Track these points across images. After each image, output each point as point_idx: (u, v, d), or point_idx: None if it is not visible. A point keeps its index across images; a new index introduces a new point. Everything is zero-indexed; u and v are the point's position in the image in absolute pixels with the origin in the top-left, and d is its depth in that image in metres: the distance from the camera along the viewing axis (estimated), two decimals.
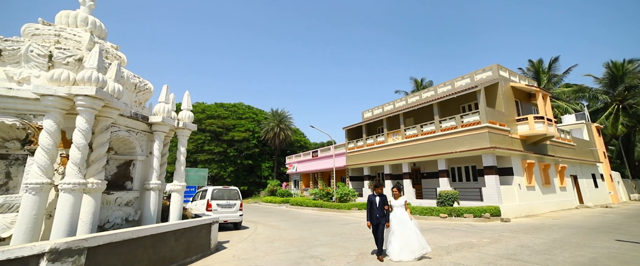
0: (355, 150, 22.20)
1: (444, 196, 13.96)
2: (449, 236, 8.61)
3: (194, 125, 7.28)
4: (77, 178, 4.40)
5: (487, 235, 8.78)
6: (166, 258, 5.26)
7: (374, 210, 5.85)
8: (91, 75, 4.61)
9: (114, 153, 6.00)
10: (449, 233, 9.31)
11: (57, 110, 4.57)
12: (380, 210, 5.79)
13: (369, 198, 5.99)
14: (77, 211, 4.41)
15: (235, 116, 41.54)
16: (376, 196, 5.93)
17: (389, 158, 19.03)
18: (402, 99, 21.88)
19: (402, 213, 5.88)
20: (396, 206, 6.00)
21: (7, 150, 4.96)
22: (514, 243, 7.36)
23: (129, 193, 5.86)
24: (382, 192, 6.02)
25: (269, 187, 30.74)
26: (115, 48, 6.88)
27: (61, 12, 6.36)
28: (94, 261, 3.91)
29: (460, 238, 8.25)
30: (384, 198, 5.89)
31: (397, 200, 6.07)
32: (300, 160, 29.93)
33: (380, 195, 5.94)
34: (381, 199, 5.87)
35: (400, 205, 6.01)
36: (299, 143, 45.63)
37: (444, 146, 15.79)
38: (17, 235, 4.14)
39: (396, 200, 6.08)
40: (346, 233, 9.54)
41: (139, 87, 6.54)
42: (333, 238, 8.58)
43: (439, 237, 8.53)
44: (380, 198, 5.89)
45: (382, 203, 5.85)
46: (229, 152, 37.83)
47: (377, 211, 5.79)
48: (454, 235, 8.93)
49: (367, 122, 22.10)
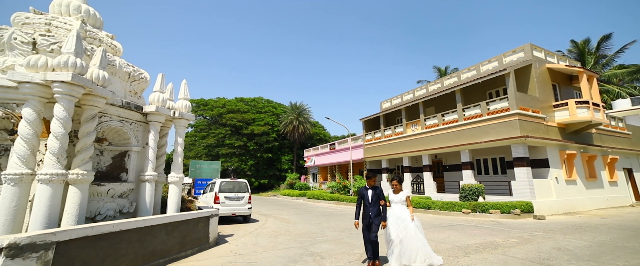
0: (373, 141, 21.30)
1: (468, 190, 12.84)
2: (470, 235, 7.72)
3: (190, 114, 6.99)
4: (55, 169, 4.21)
5: (515, 234, 7.77)
6: (156, 252, 5.03)
7: (366, 207, 4.84)
8: (67, 60, 4.36)
9: (108, 144, 5.84)
10: (470, 230, 8.39)
11: (35, 97, 4.39)
12: (373, 206, 4.75)
13: (359, 191, 4.96)
14: (57, 203, 4.23)
15: (255, 110, 41.96)
16: (368, 189, 4.87)
17: (408, 149, 17.99)
18: (423, 87, 20.53)
19: (402, 211, 4.80)
20: (395, 202, 4.91)
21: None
22: (549, 245, 6.35)
23: (123, 184, 5.69)
24: (376, 183, 4.97)
25: (288, 180, 30.78)
26: (111, 37, 6.71)
27: (55, 0, 6.26)
28: (66, 256, 3.69)
29: (483, 237, 7.34)
30: (379, 192, 4.84)
31: (396, 195, 4.97)
32: (318, 153, 29.53)
33: (373, 187, 4.87)
34: (375, 193, 4.81)
35: (401, 200, 4.90)
36: (318, 137, 45.27)
37: (467, 136, 14.51)
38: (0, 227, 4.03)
39: (396, 195, 4.97)
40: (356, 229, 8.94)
41: (133, 76, 6.33)
42: (341, 234, 8.03)
43: (458, 235, 7.68)
44: (373, 191, 4.82)
45: (375, 197, 4.79)
46: (249, 145, 38.37)
47: (369, 208, 4.77)
48: (476, 232, 8.02)
49: (385, 113, 21.06)
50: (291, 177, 30.84)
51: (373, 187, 4.88)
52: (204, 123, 40.88)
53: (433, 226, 9.38)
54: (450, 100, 16.58)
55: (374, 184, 4.92)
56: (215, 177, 14.33)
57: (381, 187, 4.96)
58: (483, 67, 16.73)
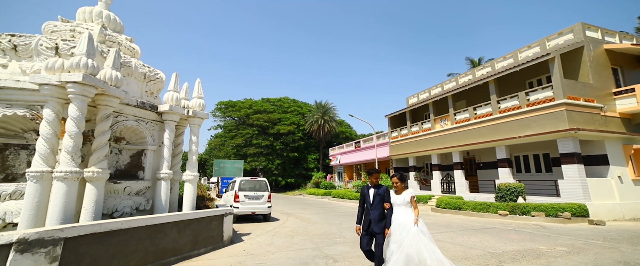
0: (399, 139, 20.36)
1: (505, 189, 11.63)
2: (507, 239, 6.86)
3: (204, 113, 7.02)
4: (70, 167, 4.34)
5: (564, 241, 6.76)
6: (168, 250, 5.03)
7: (367, 209, 4.02)
8: (79, 61, 4.49)
9: (126, 143, 6.02)
10: (507, 235, 7.49)
11: (54, 99, 4.58)
12: (375, 209, 3.89)
13: (361, 190, 4.20)
14: (72, 199, 4.36)
15: (280, 110, 42.52)
16: (370, 188, 4.07)
17: (436, 146, 16.89)
18: (452, 80, 19.16)
19: (405, 216, 3.87)
20: (397, 204, 3.96)
21: (27, 140, 5.24)
22: (610, 257, 5.35)
23: (139, 182, 5.82)
24: (378, 181, 4.12)
25: (314, 179, 30.71)
26: (129, 40, 6.95)
27: (80, 9, 6.60)
28: (75, 252, 3.75)
29: (522, 243, 6.47)
30: (383, 192, 4.00)
31: (398, 196, 3.99)
32: (343, 151, 29.07)
33: (376, 186, 4.05)
34: (377, 193, 3.96)
35: (404, 202, 3.93)
36: (345, 135, 44.72)
37: (503, 130, 13.18)
38: (22, 221, 4.24)
39: (398, 196, 4.00)
40: None
41: (148, 76, 6.48)
42: None
43: (492, 240, 6.87)
44: (376, 191, 3.99)
45: (378, 198, 3.93)
46: (275, 145, 38.94)
47: (372, 211, 3.90)
48: (514, 237, 7.12)
49: (411, 108, 20.01)
50: (317, 176, 30.72)
51: (376, 185, 4.09)
52: (232, 124, 42.30)
53: (463, 228, 8.56)
54: (483, 92, 15.24)
55: (376, 182, 4.12)
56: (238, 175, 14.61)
57: (386, 187, 4.10)
58: (522, 54, 15.12)
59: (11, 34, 5.43)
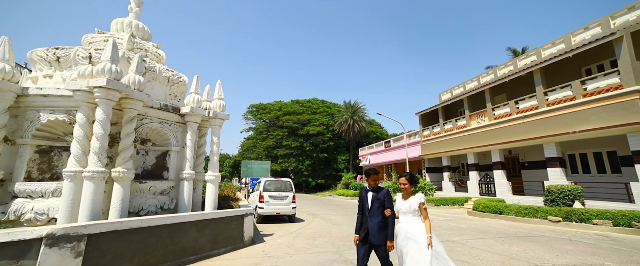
0: (431, 137, 19.20)
1: (556, 192, 10.28)
2: (559, 251, 5.95)
3: (225, 114, 7.12)
4: (96, 167, 4.60)
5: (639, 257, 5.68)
6: (187, 249, 5.13)
7: (365, 216, 3.40)
8: (104, 67, 4.75)
9: (152, 144, 6.31)
10: (559, 245, 6.52)
11: (85, 103, 4.90)
12: (373, 216, 3.26)
13: (359, 194, 3.58)
14: (99, 198, 4.61)
15: (309, 111, 42.80)
16: (369, 191, 3.45)
17: (472, 144, 15.59)
18: (490, 72, 17.56)
19: (413, 226, 3.18)
20: (403, 211, 3.30)
21: (67, 142, 5.70)
22: None
23: (163, 182, 6.05)
24: (378, 184, 3.45)
25: (343, 180, 30.36)
26: (156, 46, 7.32)
27: (113, 20, 7.10)
28: (98, 248, 3.93)
29: (580, 256, 5.55)
30: (383, 197, 3.33)
31: (405, 201, 3.32)
32: (373, 151, 28.30)
33: (375, 189, 3.40)
34: (376, 197, 3.33)
35: (412, 210, 3.23)
36: (375, 135, 43.69)
37: (553, 125, 11.68)
38: (60, 217, 4.59)
39: (404, 201, 3.34)
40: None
41: (172, 80, 6.74)
42: None
43: (539, 250, 6.01)
44: (374, 194, 3.36)
45: (377, 203, 3.29)
46: (305, 146, 39.26)
47: (370, 219, 3.28)
48: (569, 249, 6.16)
49: (444, 104, 18.75)
50: (346, 176, 30.31)
51: (375, 188, 3.41)
52: (263, 127, 43.51)
53: (504, 235, 7.66)
54: (527, 83, 13.72)
55: (375, 184, 3.42)
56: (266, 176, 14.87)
57: (387, 190, 3.41)
58: (576, 38, 13.29)
59: (55, 47, 5.97)
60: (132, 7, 7.33)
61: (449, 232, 8.16)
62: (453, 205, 14.70)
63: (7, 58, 5.25)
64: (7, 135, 5.26)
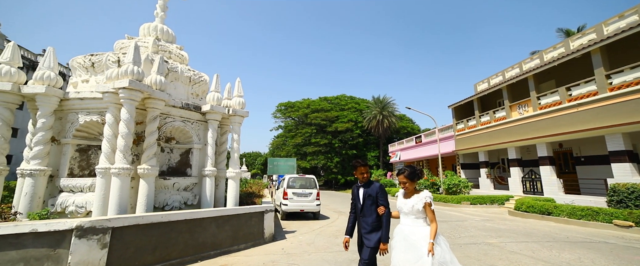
0: (466, 131, 17.87)
1: (625, 192, 8.93)
2: (627, 262, 5.07)
3: (244, 111, 7.20)
4: (122, 164, 4.87)
5: None
6: (207, 244, 5.24)
7: (358, 216, 3.06)
8: (126, 69, 5.00)
9: (176, 142, 6.57)
10: (628, 255, 5.56)
11: (112, 104, 5.22)
12: (366, 215, 2.91)
13: (352, 190, 3.17)
14: (125, 193, 4.88)
15: (338, 108, 42.49)
16: (360, 187, 3.06)
17: (514, 138, 14.17)
18: (535, 57, 15.77)
19: (415, 230, 2.72)
20: (405, 212, 2.84)
21: (101, 141, 6.15)
22: None
23: (186, 179, 6.27)
24: (366, 177, 2.96)
25: (373, 177, 29.73)
26: (179, 48, 7.62)
27: (142, 25, 7.53)
28: (122, 241, 4.14)
29: None
30: (376, 192, 2.92)
31: (407, 200, 2.85)
32: (403, 147, 27.24)
33: (366, 184, 2.99)
34: (367, 192, 2.94)
35: (415, 210, 2.75)
36: (406, 130, 42.12)
37: (619, 113, 10.11)
38: (94, 210, 4.96)
39: (406, 200, 2.86)
40: None
41: (193, 79, 6.96)
42: None
43: (601, 260, 5.18)
44: (366, 190, 2.97)
45: (369, 201, 2.91)
46: (334, 143, 39.11)
47: (363, 218, 2.94)
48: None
49: (480, 95, 17.31)
50: (376, 173, 29.62)
51: (366, 183, 2.99)
52: (292, 125, 44.15)
53: (552, 239, 6.79)
54: (582, 67, 12.09)
55: (366, 178, 2.97)
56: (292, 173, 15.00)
57: (379, 184, 2.97)
58: None
59: (91, 54, 6.47)
60: (158, 12, 7.70)
61: (485, 234, 7.45)
62: (491, 204, 13.53)
63: (52, 66, 5.77)
64: (54, 135, 5.81)
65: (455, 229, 8.09)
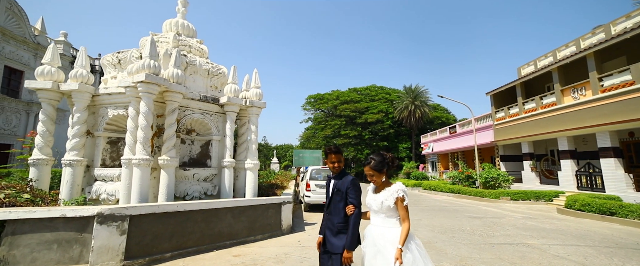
0: (507, 120, 16.19)
1: None
2: None
3: (262, 102, 7.14)
4: (142, 155, 5.06)
5: None
6: (223, 234, 5.31)
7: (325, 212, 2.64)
8: (143, 63, 5.14)
9: (196, 134, 6.74)
10: None
11: (133, 98, 5.44)
12: (334, 213, 2.47)
13: (326, 182, 2.71)
14: (146, 182, 5.09)
15: (367, 99, 41.48)
16: (331, 178, 2.63)
17: (567, 126, 12.47)
18: (599, 30, 13.54)
19: (383, 231, 2.26)
20: (374, 210, 2.38)
21: None
22: None
23: (206, 170, 6.42)
24: (338, 166, 2.54)
25: (405, 169, 28.73)
26: (199, 42, 7.75)
27: (165, 21, 7.77)
28: (140, 228, 4.31)
29: None
30: (347, 185, 2.44)
31: (377, 195, 2.36)
32: (436, 138, 25.74)
33: (338, 176, 2.55)
34: (337, 186, 2.50)
35: (384, 207, 2.28)
36: (440, 120, 39.85)
37: None
38: (120, 198, 5.27)
39: (376, 195, 2.38)
40: (467, 231, 6.77)
41: (211, 72, 7.04)
42: (439, 235, 6.22)
43: None
44: (336, 182, 2.53)
45: (338, 196, 2.47)
46: (364, 135, 38.39)
47: (328, 215, 2.53)
48: None
49: (524, 80, 15.47)
50: (407, 166, 28.55)
51: (338, 174, 2.54)
52: (321, 117, 44.11)
53: (614, 245, 5.81)
54: None
55: (337, 169, 2.53)
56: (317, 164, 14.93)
57: (352, 178, 2.47)
58: None
59: (118, 51, 6.82)
60: (179, 8, 7.88)
61: (525, 233, 6.64)
62: (536, 200, 12.17)
63: (84, 64, 6.18)
64: (89, 128, 6.27)
65: (489, 226, 7.34)
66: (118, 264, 4.08)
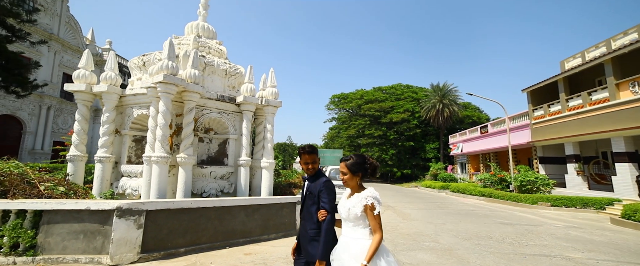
0: (547, 118, 14.75)
1: None
2: None
3: (277, 101, 7.14)
4: (160, 152, 5.26)
5: None
6: (236, 232, 5.34)
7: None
8: (161, 64, 5.34)
9: (214, 133, 6.90)
10: None
11: (154, 98, 5.68)
12: (307, 218, 2.23)
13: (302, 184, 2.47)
14: (164, 179, 5.28)
15: (393, 98, 40.41)
16: (305, 179, 2.39)
17: (624, 125, 11.06)
18: None
19: (352, 244, 1.91)
20: (344, 217, 2.04)
21: None
22: None
23: (222, 168, 6.53)
24: (313, 168, 2.26)
25: (432, 170, 27.47)
26: (219, 43, 7.94)
27: (187, 24, 8.07)
28: (156, 223, 4.45)
29: None
30: (320, 189, 2.16)
31: (347, 201, 2.04)
32: (466, 138, 24.29)
33: (312, 178, 2.29)
34: (309, 188, 2.27)
35: (350, 215, 1.96)
36: (471, 120, 37.65)
37: None
38: (142, 193, 5.53)
39: (346, 201, 2.06)
40: (495, 238, 6.21)
41: (229, 72, 7.17)
42: (462, 242, 5.76)
43: None
44: (309, 184, 2.29)
45: (310, 200, 2.23)
46: (389, 134, 37.44)
47: (302, 220, 2.32)
48: None
49: (568, 74, 13.98)
50: (434, 167, 27.25)
51: (313, 175, 2.29)
52: (345, 116, 43.74)
53: None
54: None
55: (312, 170, 2.28)
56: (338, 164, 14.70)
57: (326, 179, 2.21)
58: None
59: (142, 54, 7.19)
60: (201, 11, 8.15)
61: (566, 245, 5.92)
62: (583, 208, 10.91)
63: (113, 67, 6.60)
64: (117, 127, 6.68)
65: (523, 234, 6.66)
66: (135, 256, 4.24)
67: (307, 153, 2.29)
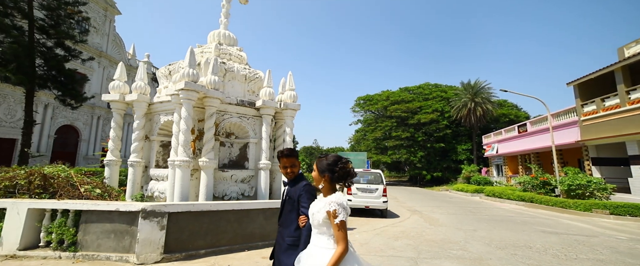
0: (600, 114, 13.18)
1: None
2: None
3: (296, 104, 7.13)
4: (182, 157, 5.45)
5: None
6: (255, 235, 5.36)
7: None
8: (183, 72, 5.57)
9: (235, 137, 7.04)
10: None
11: (177, 105, 5.93)
12: (286, 224, 2.12)
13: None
14: (186, 182, 5.46)
15: (420, 98, 39.00)
16: (286, 184, 2.26)
17: None
18: None
19: (314, 254, 1.74)
20: (314, 224, 1.81)
21: None
22: None
23: (243, 171, 6.63)
24: (293, 171, 2.15)
25: (464, 173, 25.94)
26: (239, 49, 8.15)
27: (210, 33, 8.40)
28: (177, 224, 4.59)
29: None
30: (300, 194, 2.04)
31: (314, 203, 1.88)
32: (502, 138, 22.59)
33: (291, 183, 2.18)
34: (288, 194, 2.17)
35: (314, 221, 1.79)
36: (507, 118, 35.04)
37: None
38: (167, 196, 5.78)
39: (314, 203, 1.88)
40: (536, 248, 5.59)
41: (249, 77, 7.30)
42: (496, 251, 5.25)
43: None
44: (289, 189, 2.20)
45: (289, 205, 2.13)
46: (417, 136, 36.09)
47: (279, 227, 2.23)
48: None
49: (629, 62, 12.36)
50: (467, 169, 25.70)
51: (292, 180, 2.18)
52: (371, 118, 42.99)
53: None
54: None
55: (292, 174, 2.16)
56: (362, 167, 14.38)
57: (306, 183, 2.11)
58: None
59: (169, 64, 7.59)
60: (222, 20, 8.43)
61: (631, 261, 5.04)
62: None
63: (142, 77, 7.03)
64: (147, 133, 7.08)
65: (571, 246, 5.91)
66: (158, 256, 4.40)
67: (285, 156, 2.18)
